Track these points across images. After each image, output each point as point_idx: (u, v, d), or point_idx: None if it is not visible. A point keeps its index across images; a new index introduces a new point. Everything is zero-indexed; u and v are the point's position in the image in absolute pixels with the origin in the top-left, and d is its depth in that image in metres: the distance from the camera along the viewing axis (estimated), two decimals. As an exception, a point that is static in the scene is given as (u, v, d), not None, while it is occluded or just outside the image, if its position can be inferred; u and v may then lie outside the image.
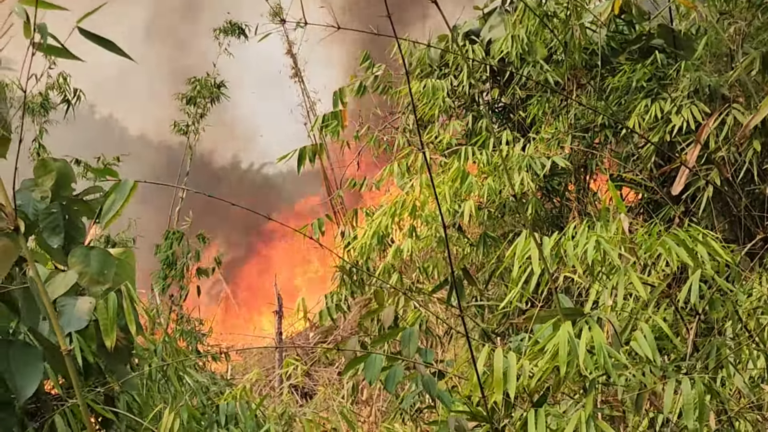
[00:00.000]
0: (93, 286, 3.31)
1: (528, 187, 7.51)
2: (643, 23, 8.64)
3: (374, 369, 3.68)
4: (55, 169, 3.55)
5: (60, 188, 3.54)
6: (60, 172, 3.55)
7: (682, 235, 3.91)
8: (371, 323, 7.08)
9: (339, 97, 7.70)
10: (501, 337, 8.07)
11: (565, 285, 6.10)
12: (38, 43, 2.50)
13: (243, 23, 15.82)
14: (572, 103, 8.34)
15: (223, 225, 21.77)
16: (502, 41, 8.46)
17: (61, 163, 3.60)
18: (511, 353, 3.40)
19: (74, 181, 3.65)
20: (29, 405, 3.58)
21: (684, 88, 7.50)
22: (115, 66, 20.77)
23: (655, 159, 7.88)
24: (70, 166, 3.62)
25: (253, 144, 26.03)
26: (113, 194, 3.04)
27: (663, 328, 4.04)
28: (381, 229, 7.84)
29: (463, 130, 9.43)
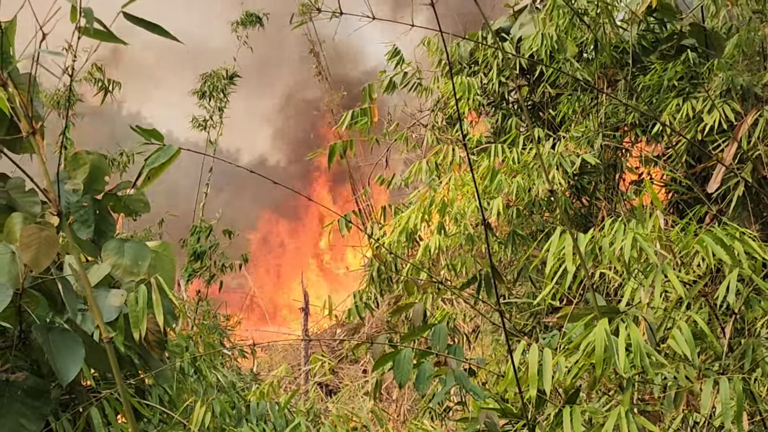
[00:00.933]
0: (126, 278, 3.32)
1: (559, 184, 7.47)
2: (675, 22, 8.57)
3: (404, 366, 3.66)
4: (89, 162, 3.55)
5: (93, 182, 3.55)
6: (93, 166, 3.56)
7: (719, 233, 3.86)
8: (398, 319, 7.07)
9: (368, 93, 7.68)
10: (528, 336, 8.04)
11: (596, 284, 6.06)
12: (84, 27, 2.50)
13: (260, 11, 15.66)
14: (602, 101, 8.28)
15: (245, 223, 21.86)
16: (532, 39, 8.41)
17: (94, 156, 3.60)
18: (547, 349, 3.37)
19: (108, 175, 3.66)
20: (63, 396, 3.59)
21: (716, 87, 7.43)
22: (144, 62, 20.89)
23: (687, 158, 7.82)
24: (104, 158, 3.62)
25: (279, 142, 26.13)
26: (153, 156, 3.02)
27: (698, 327, 4.00)
28: (409, 226, 7.81)
29: (492, 128, 9.40)
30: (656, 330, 3.95)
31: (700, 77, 7.78)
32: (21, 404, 2.94)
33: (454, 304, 10.05)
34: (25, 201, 3.35)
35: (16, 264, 2.94)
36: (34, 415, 2.96)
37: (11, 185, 3.37)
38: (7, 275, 2.92)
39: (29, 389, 2.98)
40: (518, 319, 8.43)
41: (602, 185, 8.79)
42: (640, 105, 8.09)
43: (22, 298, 3.00)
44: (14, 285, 2.92)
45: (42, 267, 2.82)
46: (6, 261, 2.95)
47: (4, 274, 2.92)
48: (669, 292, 4.21)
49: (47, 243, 2.77)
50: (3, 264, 2.94)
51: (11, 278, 2.92)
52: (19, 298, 2.99)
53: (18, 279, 2.94)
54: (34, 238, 2.77)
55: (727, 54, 7.53)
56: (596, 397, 4.24)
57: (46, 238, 2.77)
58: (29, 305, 3.03)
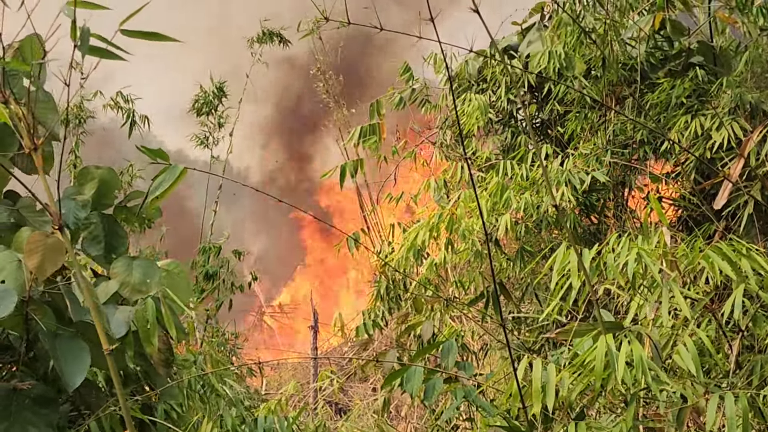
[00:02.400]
0: (134, 296, 3.33)
1: (567, 201, 7.47)
2: (683, 39, 8.57)
3: (414, 381, 3.68)
4: (97, 177, 3.57)
5: (101, 196, 3.56)
6: (102, 180, 3.57)
7: (725, 249, 3.85)
8: (408, 338, 7.07)
9: (376, 110, 7.70)
10: (537, 353, 8.02)
11: (604, 300, 6.05)
12: (81, 45, 2.52)
13: (281, 28, 15.63)
14: (610, 119, 8.29)
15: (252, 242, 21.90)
16: (539, 56, 8.43)
17: (103, 170, 3.61)
18: (551, 365, 3.37)
19: (118, 189, 3.67)
20: (71, 412, 3.60)
21: (724, 104, 7.44)
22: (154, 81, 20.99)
23: (695, 176, 7.82)
24: (114, 173, 3.63)
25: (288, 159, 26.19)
26: (160, 177, 3.05)
27: (704, 344, 3.99)
28: (417, 243, 7.82)
29: (501, 145, 9.41)
30: (662, 347, 3.95)
31: (708, 94, 7.79)
32: (29, 412, 2.96)
33: (463, 322, 10.04)
34: (35, 219, 3.38)
35: (22, 271, 2.96)
36: (42, 423, 2.97)
37: (22, 204, 3.39)
38: (13, 282, 2.94)
39: (37, 397, 3.00)
40: (527, 336, 8.41)
41: (611, 203, 8.78)
42: (649, 122, 8.10)
43: (28, 306, 3.02)
44: (21, 292, 2.94)
45: (47, 274, 2.84)
46: (13, 268, 2.97)
47: (11, 280, 2.94)
48: (677, 309, 4.21)
49: (53, 250, 2.79)
50: (10, 271, 2.97)
51: (18, 285, 2.94)
52: (25, 306, 3.01)
53: (24, 286, 2.96)
54: (40, 244, 2.79)
55: (737, 71, 7.54)
56: (603, 414, 4.24)
57: (51, 245, 2.79)
58: (36, 313, 3.05)
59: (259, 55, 15.52)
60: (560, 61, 8.22)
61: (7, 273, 2.99)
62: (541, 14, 9.38)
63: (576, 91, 8.25)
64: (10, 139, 3.28)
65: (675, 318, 4.23)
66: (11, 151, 3.29)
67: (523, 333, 8.42)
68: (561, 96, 8.70)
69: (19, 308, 2.95)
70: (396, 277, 8.21)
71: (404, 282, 8.22)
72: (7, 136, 3.25)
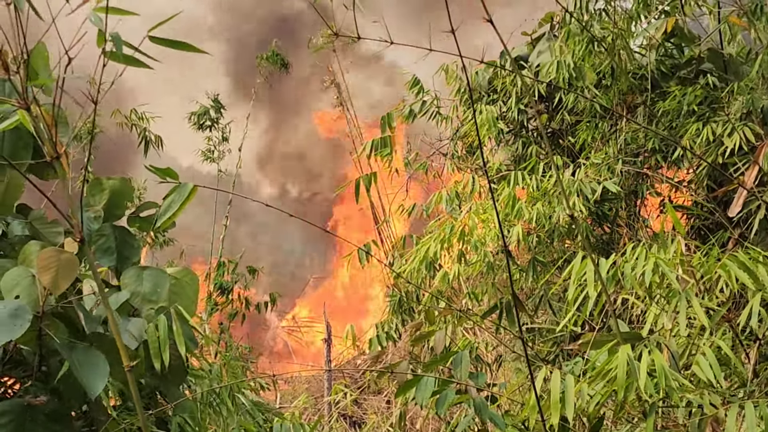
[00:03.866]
0: (145, 306, 3.32)
1: (580, 211, 7.45)
2: (693, 47, 8.55)
3: (426, 392, 3.66)
4: (108, 188, 3.56)
5: (113, 207, 3.55)
6: (113, 191, 3.56)
7: (741, 257, 3.82)
8: (421, 350, 7.05)
9: (387, 122, 7.69)
10: (551, 364, 7.98)
11: (619, 310, 6.01)
12: (110, 52, 2.51)
13: (285, 55, 15.83)
14: (622, 128, 8.27)
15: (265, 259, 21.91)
16: (549, 66, 8.42)
17: (115, 181, 3.59)
18: (569, 376, 3.34)
19: (130, 200, 3.65)
20: (83, 429, 3.58)
21: (736, 110, 7.41)
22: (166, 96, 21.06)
23: (708, 183, 7.79)
24: (127, 183, 3.62)
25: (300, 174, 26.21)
26: (171, 196, 3.03)
27: (722, 353, 3.96)
28: (429, 255, 7.80)
29: (512, 155, 9.40)
30: (679, 357, 3.91)
31: (719, 101, 7.76)
32: (43, 428, 2.95)
33: (476, 333, 10.01)
34: (47, 232, 3.37)
35: (36, 287, 2.95)
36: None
37: (34, 216, 3.39)
38: (27, 298, 2.92)
39: (51, 413, 2.98)
40: (541, 346, 8.38)
41: (623, 212, 8.76)
42: (660, 130, 8.07)
43: (42, 321, 3.01)
44: (34, 308, 2.93)
45: (61, 290, 2.83)
46: (26, 284, 2.96)
47: (25, 296, 2.93)
48: (692, 319, 4.17)
49: (66, 266, 2.78)
50: (24, 287, 2.95)
51: (31, 301, 2.93)
52: (39, 321, 3.00)
53: (38, 302, 2.95)
54: (53, 260, 2.78)
55: (750, 77, 7.51)
56: (621, 426, 4.20)
57: (65, 261, 2.78)
58: (49, 328, 3.04)
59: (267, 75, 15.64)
60: (570, 71, 8.21)
61: (22, 289, 2.98)
62: (551, 24, 9.37)
63: (587, 100, 8.23)
64: (23, 152, 3.27)
65: (691, 327, 4.19)
66: (25, 161, 3.27)
67: (537, 344, 8.39)
68: (571, 106, 8.68)
69: (33, 324, 2.94)
70: (409, 290, 8.20)
71: (417, 294, 8.20)
72: (20, 148, 3.24)
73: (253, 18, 23.81)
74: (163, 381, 3.58)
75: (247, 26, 23.56)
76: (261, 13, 23.81)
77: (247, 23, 23.71)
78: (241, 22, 23.82)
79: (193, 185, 3.10)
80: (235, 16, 24.06)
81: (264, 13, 23.69)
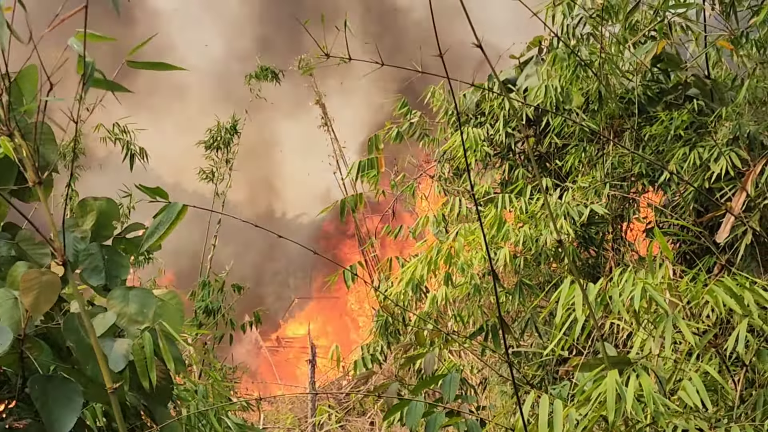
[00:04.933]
0: (132, 327, 3.29)
1: (567, 234, 7.46)
2: (679, 72, 8.60)
3: (415, 415, 3.65)
4: (96, 209, 3.54)
5: (101, 228, 3.53)
6: (100, 211, 3.54)
7: (729, 283, 3.83)
8: (407, 372, 7.03)
9: (374, 144, 7.71)
10: (537, 387, 7.96)
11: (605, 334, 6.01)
12: (88, 78, 2.51)
13: (275, 67, 15.80)
14: (608, 152, 8.30)
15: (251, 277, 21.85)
16: (536, 90, 8.45)
17: (102, 202, 3.58)
18: (558, 401, 3.33)
19: (117, 220, 3.64)
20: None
21: (723, 136, 7.45)
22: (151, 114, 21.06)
23: (695, 206, 7.80)
24: (114, 203, 3.60)
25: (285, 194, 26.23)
26: (159, 216, 3.02)
27: (709, 379, 3.96)
28: (416, 277, 7.79)
29: (499, 178, 9.41)
30: (666, 382, 3.91)
31: (706, 126, 7.80)
32: (25, 451, 2.92)
33: (461, 356, 9.99)
34: (34, 253, 3.34)
35: (18, 309, 2.93)
36: (37, 467, 2.92)
37: (21, 237, 3.36)
38: (8, 320, 2.90)
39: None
40: (526, 369, 8.37)
41: (609, 235, 8.77)
42: (647, 153, 8.09)
43: (24, 343, 2.99)
44: (16, 330, 2.90)
45: (42, 312, 2.81)
46: (9, 306, 2.93)
47: (6, 319, 2.90)
48: (679, 343, 4.18)
49: (48, 287, 2.76)
50: (6, 309, 2.93)
51: (13, 323, 2.90)
52: (21, 344, 2.97)
53: (20, 324, 2.93)
54: (35, 282, 2.76)
55: (736, 103, 7.56)
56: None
57: (47, 283, 2.76)
58: (32, 351, 3.01)
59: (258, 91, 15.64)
60: (557, 95, 8.24)
61: (3, 311, 2.95)
62: (539, 48, 9.41)
63: (575, 123, 8.26)
64: (8, 173, 3.25)
65: (678, 352, 4.20)
66: (8, 185, 3.26)
67: (523, 367, 8.38)
68: (559, 129, 8.71)
69: (14, 346, 2.91)
70: (395, 312, 8.18)
71: (403, 317, 8.18)
72: (4, 169, 3.22)
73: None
74: (148, 400, 3.55)
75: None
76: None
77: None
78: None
79: (183, 205, 3.09)
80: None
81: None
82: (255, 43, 24.09)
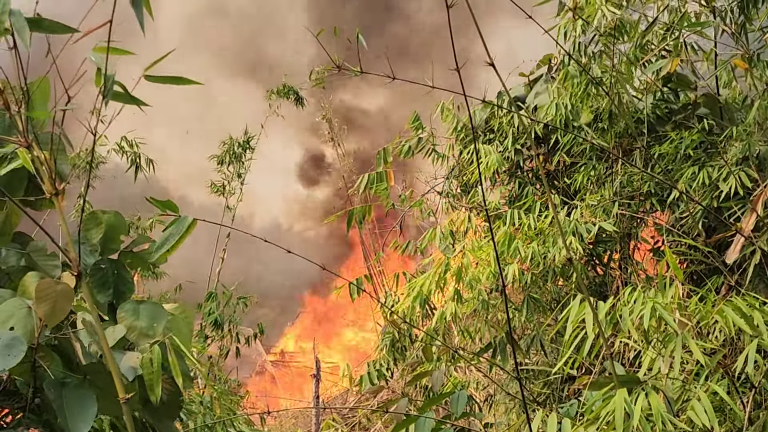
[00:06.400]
0: (141, 341, 3.29)
1: (576, 251, 7.44)
2: (689, 92, 8.60)
3: (424, 430, 3.64)
4: (104, 222, 3.54)
5: (108, 241, 3.53)
6: (109, 225, 3.54)
7: (738, 303, 3.82)
8: (415, 388, 7.01)
9: (383, 157, 7.71)
10: (543, 406, 7.94)
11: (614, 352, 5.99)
12: (107, 91, 2.52)
13: (299, 87, 15.74)
14: (617, 170, 8.29)
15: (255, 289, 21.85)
16: (547, 108, 8.46)
17: (110, 215, 3.58)
18: (566, 419, 3.33)
19: (125, 233, 3.64)
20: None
21: (733, 155, 7.45)
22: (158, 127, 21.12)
23: (704, 221, 7.78)
24: (121, 217, 3.60)
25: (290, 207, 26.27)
26: (169, 229, 3.03)
27: (717, 399, 3.95)
28: (423, 293, 7.78)
29: (508, 195, 9.40)
30: (674, 401, 3.90)
31: (716, 146, 7.79)
32: (34, 461, 2.92)
33: (467, 372, 9.97)
34: (45, 264, 3.35)
35: (31, 318, 2.93)
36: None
37: (32, 248, 3.36)
38: (22, 329, 2.90)
39: (42, 448, 2.95)
40: (533, 386, 8.34)
41: (617, 254, 8.75)
42: (656, 172, 8.09)
43: (37, 353, 2.99)
44: (29, 340, 2.90)
45: (57, 321, 2.81)
46: (22, 315, 2.93)
47: (20, 328, 2.91)
48: (687, 363, 4.16)
49: (63, 297, 2.77)
50: (19, 318, 2.93)
51: (26, 332, 2.90)
52: (34, 353, 2.98)
53: (33, 333, 2.93)
54: (50, 291, 2.77)
55: (747, 123, 7.56)
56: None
57: (61, 292, 2.77)
58: (44, 360, 3.01)
59: (277, 108, 15.64)
60: (567, 113, 8.25)
61: (17, 320, 2.96)
62: (549, 66, 9.43)
63: (585, 141, 8.26)
64: (18, 184, 3.26)
65: (686, 372, 4.18)
66: (19, 194, 3.27)
67: (529, 384, 8.36)
68: (568, 147, 8.71)
69: (27, 355, 2.92)
70: (402, 328, 8.16)
71: (410, 333, 8.17)
72: (16, 180, 3.23)
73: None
74: (156, 414, 3.55)
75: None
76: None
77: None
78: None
79: (192, 218, 3.10)
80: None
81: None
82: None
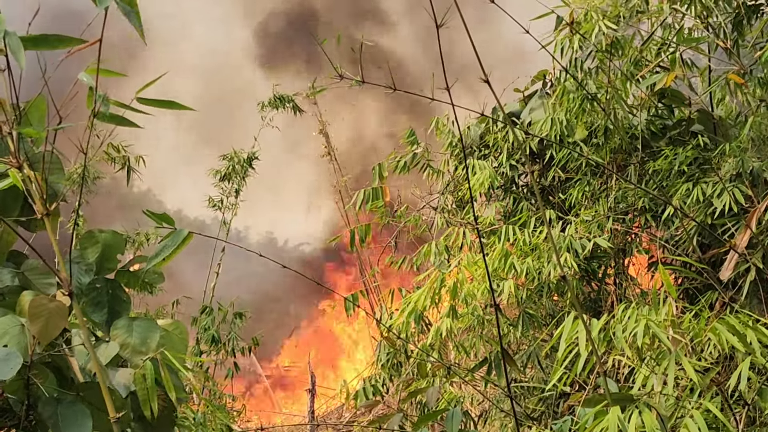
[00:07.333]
0: (135, 357, 3.29)
1: (571, 267, 7.45)
2: (683, 108, 8.63)
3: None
4: (101, 241, 3.54)
5: (104, 260, 3.53)
6: (105, 244, 3.55)
7: (732, 320, 3.83)
8: (410, 405, 7.01)
9: (378, 173, 7.72)
10: (538, 422, 7.93)
11: (607, 369, 6.00)
12: (99, 112, 2.53)
13: (291, 95, 15.58)
14: (612, 186, 8.31)
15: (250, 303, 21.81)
16: (542, 123, 8.48)
17: (107, 234, 3.58)
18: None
19: (121, 252, 3.64)
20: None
21: (726, 171, 7.47)
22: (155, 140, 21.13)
23: (698, 239, 7.79)
24: (119, 236, 3.60)
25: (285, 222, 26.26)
26: (165, 240, 3.03)
27: (710, 417, 3.95)
28: (418, 308, 7.78)
29: (503, 210, 9.42)
30: (667, 419, 3.90)
31: (710, 162, 7.81)
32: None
33: (461, 387, 9.95)
34: (40, 282, 3.35)
35: (25, 336, 2.93)
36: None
37: (27, 266, 3.37)
38: (16, 346, 2.91)
39: (35, 464, 2.95)
40: (528, 402, 8.34)
41: (611, 270, 8.76)
42: (651, 188, 8.10)
43: (30, 370, 2.99)
44: (23, 356, 2.91)
45: (50, 338, 2.82)
46: (16, 332, 2.94)
47: (14, 345, 2.91)
48: (681, 380, 4.17)
49: (56, 314, 2.77)
50: (13, 335, 2.94)
51: (20, 349, 2.90)
52: (27, 371, 2.98)
53: (27, 350, 2.93)
54: (43, 309, 2.77)
55: (740, 139, 7.59)
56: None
57: (54, 310, 2.77)
58: (37, 378, 3.01)
59: (270, 120, 15.57)
60: (562, 129, 8.27)
61: (10, 338, 2.96)
62: (543, 82, 9.46)
63: (580, 156, 8.28)
64: (13, 203, 3.26)
65: (679, 388, 4.19)
66: (13, 214, 3.27)
67: (524, 400, 8.35)
68: (563, 163, 8.73)
69: (21, 372, 2.92)
70: (398, 344, 8.16)
71: (405, 348, 8.16)
72: (10, 199, 3.24)
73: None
74: (150, 430, 3.54)
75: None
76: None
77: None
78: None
79: (188, 231, 3.10)
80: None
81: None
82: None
